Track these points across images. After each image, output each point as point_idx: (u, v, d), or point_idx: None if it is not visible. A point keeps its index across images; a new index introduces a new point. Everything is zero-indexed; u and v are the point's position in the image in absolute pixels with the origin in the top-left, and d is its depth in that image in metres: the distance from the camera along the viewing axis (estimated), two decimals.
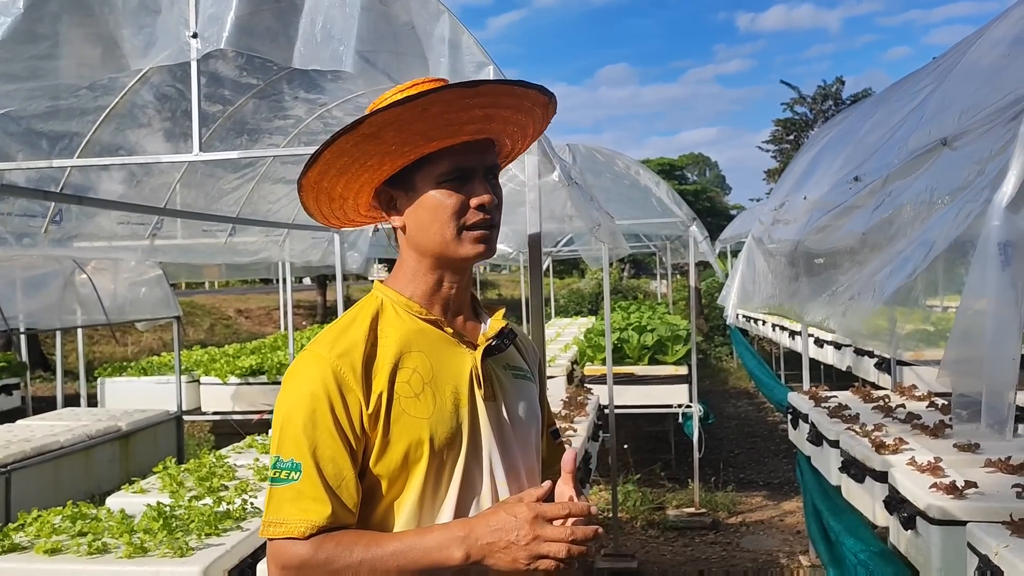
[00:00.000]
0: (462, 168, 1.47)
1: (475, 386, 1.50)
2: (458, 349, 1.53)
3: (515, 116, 1.53)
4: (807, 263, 4.11)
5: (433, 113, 1.40)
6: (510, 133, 1.58)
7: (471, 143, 1.48)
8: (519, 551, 1.32)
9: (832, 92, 33.38)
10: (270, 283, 23.16)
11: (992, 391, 1.69)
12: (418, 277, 1.54)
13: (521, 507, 1.35)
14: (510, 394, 1.57)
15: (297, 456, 1.39)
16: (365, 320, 1.50)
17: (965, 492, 2.93)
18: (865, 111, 4.11)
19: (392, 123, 1.40)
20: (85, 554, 2.96)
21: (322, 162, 1.46)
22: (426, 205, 1.49)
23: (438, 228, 1.48)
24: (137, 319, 8.13)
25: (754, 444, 9.92)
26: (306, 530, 1.37)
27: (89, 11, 2.86)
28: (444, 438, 1.44)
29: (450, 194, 1.47)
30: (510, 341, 1.63)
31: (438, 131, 1.43)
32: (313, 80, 4.54)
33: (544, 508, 1.34)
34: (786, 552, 6.13)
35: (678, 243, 12.63)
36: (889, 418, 4.38)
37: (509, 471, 1.51)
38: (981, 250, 1.70)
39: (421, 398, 1.45)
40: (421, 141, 1.44)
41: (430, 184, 1.48)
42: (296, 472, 1.39)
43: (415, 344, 1.49)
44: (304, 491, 1.38)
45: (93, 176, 4.78)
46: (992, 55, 2.39)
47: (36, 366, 13.84)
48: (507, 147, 1.64)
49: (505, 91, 1.47)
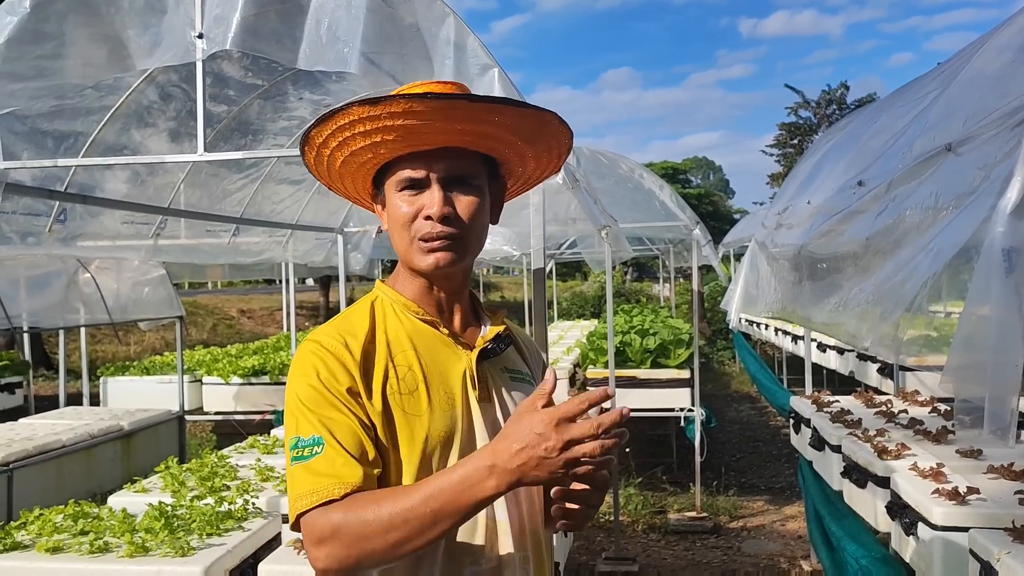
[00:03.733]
0: (413, 178, 1.47)
1: (469, 387, 1.50)
2: (454, 350, 1.53)
3: (484, 129, 1.46)
4: (811, 268, 4.11)
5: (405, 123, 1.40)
6: (494, 147, 1.52)
7: (432, 151, 1.46)
8: (552, 463, 1.26)
9: (836, 97, 33.34)
10: (273, 283, 23.18)
11: (995, 397, 1.69)
12: (411, 279, 1.55)
13: (538, 417, 1.27)
14: (507, 396, 1.56)
15: (317, 431, 1.39)
16: (365, 316, 1.52)
17: (967, 498, 2.92)
18: (869, 116, 4.10)
19: (358, 122, 1.41)
20: (87, 553, 2.97)
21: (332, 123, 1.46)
22: (389, 212, 1.52)
23: (397, 237, 1.51)
24: (140, 319, 8.15)
25: (756, 448, 9.91)
26: (341, 491, 1.34)
27: (95, 11, 2.87)
28: (438, 437, 1.44)
29: (403, 203, 1.48)
30: (506, 344, 1.62)
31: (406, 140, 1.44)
32: (317, 81, 4.55)
33: (562, 410, 1.27)
34: (787, 557, 6.11)
35: (681, 247, 12.64)
36: (891, 423, 4.37)
37: None
38: (985, 256, 1.70)
39: (416, 395, 1.45)
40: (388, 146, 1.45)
41: (393, 190, 1.50)
42: (319, 446, 1.37)
43: (411, 343, 1.50)
44: (332, 458, 1.37)
45: (98, 175, 4.79)
46: (998, 61, 2.39)
47: (39, 365, 13.86)
48: (514, 168, 1.61)
49: (442, 105, 1.41)
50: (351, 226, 6.60)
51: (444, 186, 1.47)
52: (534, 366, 1.71)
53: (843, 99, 33.27)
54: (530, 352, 1.73)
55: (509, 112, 1.45)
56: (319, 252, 7.33)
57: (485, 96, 1.48)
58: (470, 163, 1.50)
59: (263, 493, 3.77)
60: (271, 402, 8.24)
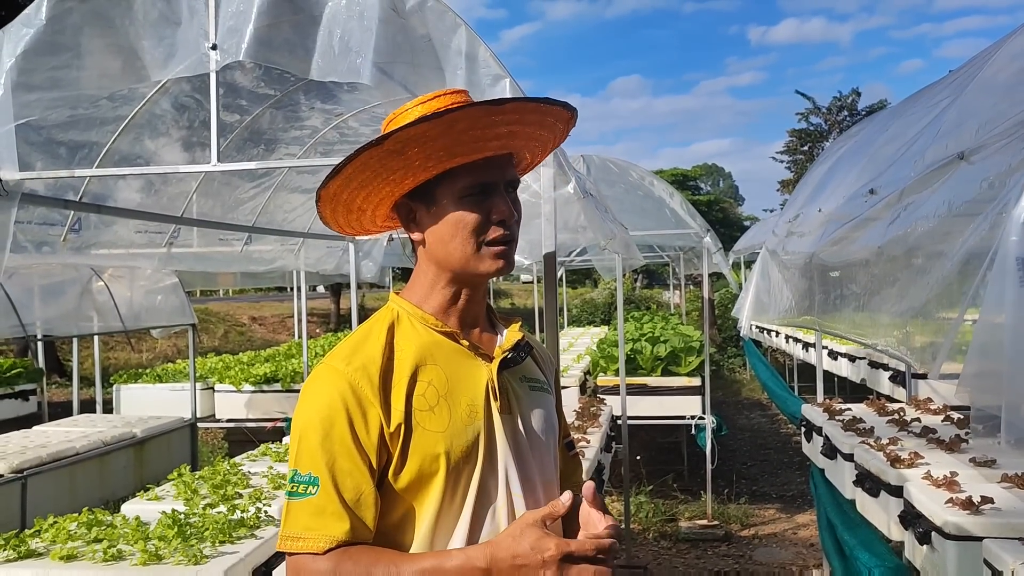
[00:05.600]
0: (484, 184, 1.47)
1: (491, 399, 1.49)
2: (474, 362, 1.52)
3: (538, 132, 1.53)
4: (821, 275, 4.10)
5: (459, 129, 1.39)
6: (531, 147, 1.58)
7: (492, 158, 1.48)
8: None
9: (848, 103, 33.30)
10: (284, 291, 23.23)
11: (1012, 407, 1.68)
12: (435, 290, 1.54)
13: (545, 543, 1.33)
14: (526, 406, 1.55)
15: (315, 470, 1.38)
16: (381, 333, 1.49)
17: (981, 508, 2.91)
18: (881, 123, 4.10)
19: (417, 139, 1.39)
20: (100, 561, 2.97)
21: (344, 175, 1.46)
22: (447, 220, 1.48)
23: (459, 243, 1.47)
24: (153, 326, 8.18)
25: (767, 456, 9.87)
26: (325, 545, 1.36)
27: (110, 23, 2.90)
28: (460, 452, 1.43)
29: (471, 209, 1.46)
30: (526, 353, 1.62)
31: (463, 147, 1.43)
32: (329, 91, 4.57)
33: (572, 547, 1.33)
34: (799, 565, 6.08)
35: (691, 254, 12.62)
36: (904, 432, 4.35)
37: (525, 484, 1.49)
38: (1000, 265, 1.70)
39: (436, 411, 1.44)
40: (445, 157, 1.43)
41: (452, 199, 1.47)
42: (314, 486, 1.38)
43: (431, 357, 1.48)
44: (322, 506, 1.37)
45: (111, 185, 4.82)
46: (1010, 69, 2.38)
47: (52, 372, 13.93)
48: (526, 160, 1.64)
49: (531, 108, 1.47)
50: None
51: (506, 191, 1.51)
52: (549, 373, 1.71)
53: (854, 105, 33.25)
54: (544, 359, 1.73)
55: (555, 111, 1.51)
56: (330, 260, 7.36)
57: (559, 101, 1.49)
58: (513, 168, 1.56)
59: (275, 501, 3.77)
60: (283, 409, 8.26)
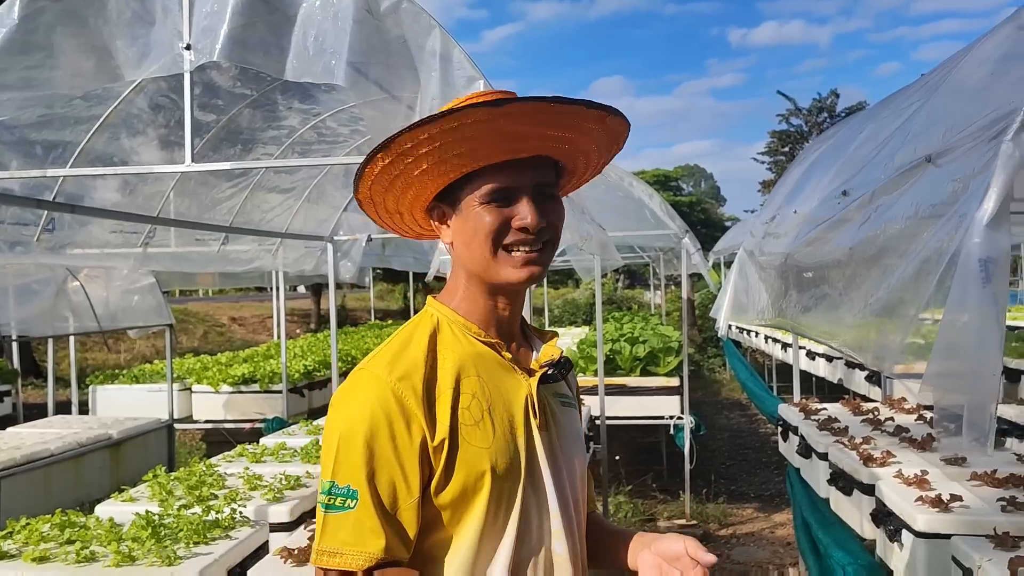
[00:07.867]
0: (506, 187, 1.39)
1: (531, 415, 1.43)
2: (515, 376, 1.46)
3: (558, 133, 1.42)
4: (797, 276, 4.13)
5: (468, 135, 1.33)
6: (565, 152, 1.48)
7: (520, 160, 1.39)
8: None
9: (827, 104, 33.55)
10: (264, 291, 23.11)
11: (974, 405, 1.71)
12: (475, 298, 1.47)
13: None
14: (561, 423, 1.50)
15: (354, 483, 1.32)
16: (423, 339, 1.42)
17: (950, 506, 2.95)
18: (855, 126, 4.14)
19: (425, 142, 1.33)
20: (73, 562, 2.96)
21: (366, 177, 1.41)
22: (469, 223, 1.41)
23: (478, 247, 1.40)
24: (129, 327, 8.13)
25: (746, 456, 9.93)
26: (364, 563, 1.30)
27: (83, 22, 2.88)
28: (504, 469, 1.38)
29: (491, 214, 1.39)
30: (567, 371, 1.56)
31: (479, 151, 1.36)
32: (307, 90, 4.56)
33: None
34: (776, 564, 6.13)
35: (671, 254, 12.68)
36: (878, 431, 4.40)
37: (562, 502, 1.45)
38: (963, 267, 1.72)
39: (481, 426, 1.38)
40: (456, 161, 1.37)
41: (474, 202, 1.40)
42: (352, 500, 1.31)
43: (473, 368, 1.42)
44: (361, 520, 1.31)
45: (87, 184, 4.79)
46: (978, 73, 2.41)
47: (28, 373, 13.78)
48: (578, 166, 1.56)
49: (540, 108, 1.36)
50: (341, 234, 6.60)
51: (534, 196, 1.40)
52: (573, 387, 1.66)
53: (833, 107, 33.50)
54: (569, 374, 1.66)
55: (614, 122, 1.43)
56: (309, 260, 7.33)
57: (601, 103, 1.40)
58: (550, 171, 1.46)
59: (251, 502, 3.76)
60: (261, 410, 8.23)
